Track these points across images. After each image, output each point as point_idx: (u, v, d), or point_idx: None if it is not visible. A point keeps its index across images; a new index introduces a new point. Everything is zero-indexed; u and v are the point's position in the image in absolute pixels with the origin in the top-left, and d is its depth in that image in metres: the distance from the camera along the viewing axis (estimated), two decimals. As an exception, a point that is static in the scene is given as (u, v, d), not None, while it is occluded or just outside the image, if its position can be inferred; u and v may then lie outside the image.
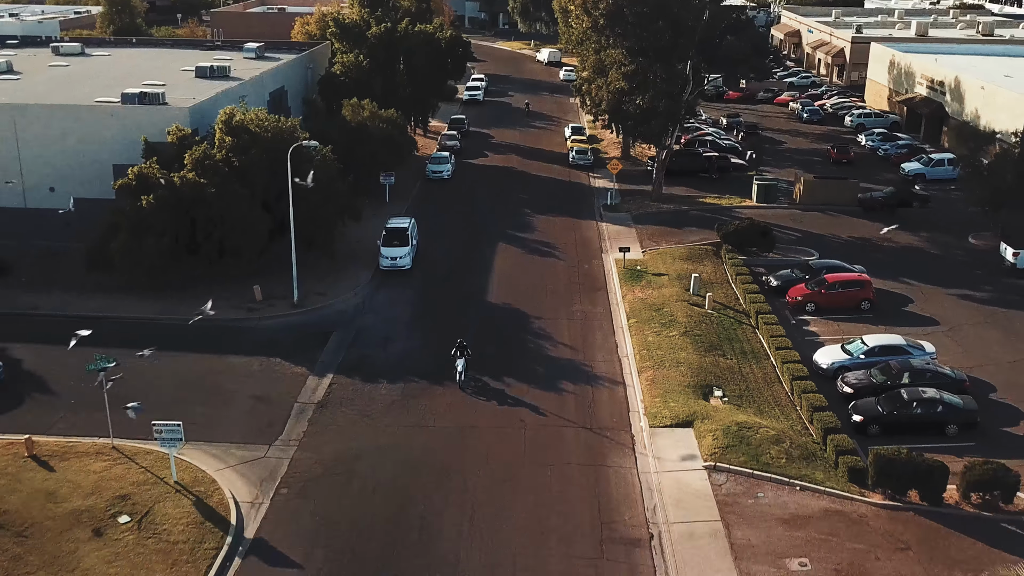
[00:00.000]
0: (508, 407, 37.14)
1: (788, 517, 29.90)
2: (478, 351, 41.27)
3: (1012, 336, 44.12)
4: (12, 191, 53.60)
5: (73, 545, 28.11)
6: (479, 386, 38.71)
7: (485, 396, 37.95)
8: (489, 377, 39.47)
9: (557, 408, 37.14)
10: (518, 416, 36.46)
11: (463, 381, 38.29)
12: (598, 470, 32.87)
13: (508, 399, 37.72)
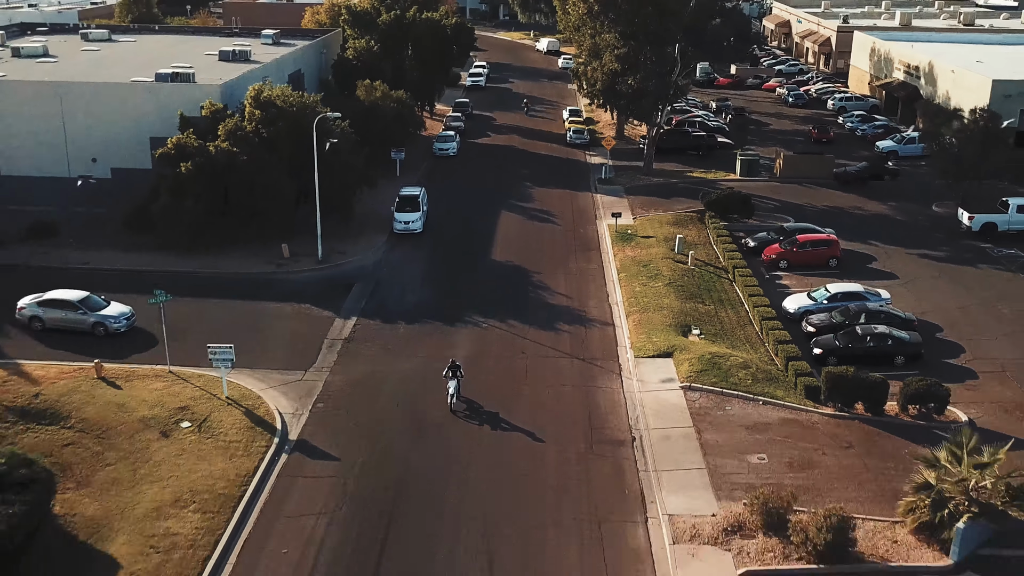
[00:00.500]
0: (512, 342, 42.32)
1: (751, 424, 35.07)
2: (484, 300, 46.57)
3: (960, 287, 49.32)
4: (52, 158, 58.68)
5: (144, 443, 33.29)
6: (486, 326, 43.90)
7: (491, 333, 43.13)
8: (494, 320, 44.65)
9: (554, 343, 42.33)
10: (520, 349, 41.66)
11: (455, 404, 36.18)
12: (589, 390, 38.06)
13: (511, 336, 42.91)
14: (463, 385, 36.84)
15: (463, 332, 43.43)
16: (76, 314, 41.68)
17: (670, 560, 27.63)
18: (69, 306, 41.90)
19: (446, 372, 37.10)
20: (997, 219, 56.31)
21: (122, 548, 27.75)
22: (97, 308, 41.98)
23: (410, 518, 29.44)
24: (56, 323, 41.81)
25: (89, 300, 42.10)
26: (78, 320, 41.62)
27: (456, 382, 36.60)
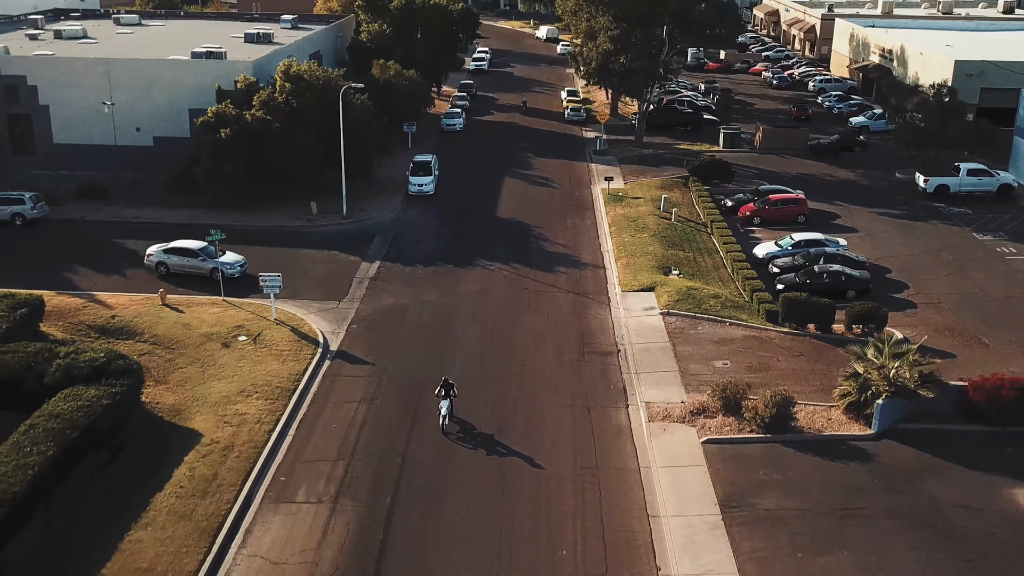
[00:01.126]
0: (515, 280, 48.75)
1: (718, 340, 41.50)
2: (491, 248, 53.06)
3: (912, 238, 55.77)
4: (100, 128, 64.99)
5: (209, 352, 39.72)
6: (492, 268, 50.31)
7: (496, 274, 49.55)
8: (500, 263, 51.08)
9: (552, 282, 48.77)
10: (523, 286, 48.08)
11: (446, 425, 33.87)
12: (581, 316, 44.52)
13: (515, 276, 49.33)
14: (456, 406, 34.69)
15: (472, 273, 49.85)
16: (196, 261, 47.46)
17: (645, 434, 34.05)
18: (191, 254, 47.61)
19: (438, 391, 34.44)
20: (949, 181, 62.76)
21: (201, 424, 34.18)
22: (215, 258, 47.38)
23: (435, 405, 35.85)
24: (178, 268, 47.39)
25: (207, 249, 47.69)
26: (198, 266, 47.27)
27: (449, 402, 34.07)
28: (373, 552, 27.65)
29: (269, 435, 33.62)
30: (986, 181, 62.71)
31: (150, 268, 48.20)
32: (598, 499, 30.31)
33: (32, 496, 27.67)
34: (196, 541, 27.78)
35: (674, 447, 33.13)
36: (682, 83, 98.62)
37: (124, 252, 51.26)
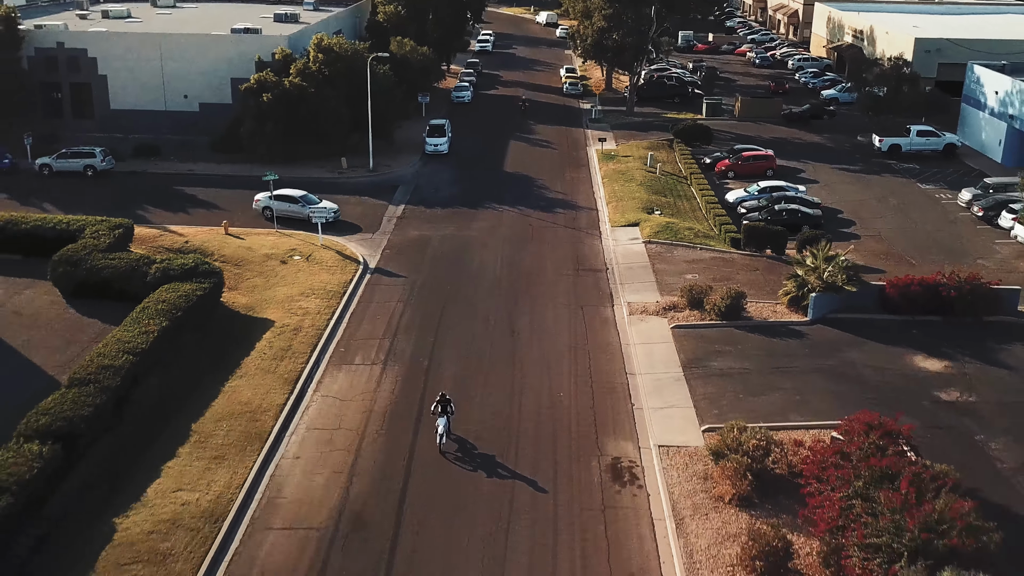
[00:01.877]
0: (520, 219, 57.26)
1: (690, 260, 50.00)
2: (499, 195, 61.51)
3: (864, 188, 64.31)
4: (152, 95, 73.38)
5: (271, 267, 48.22)
6: (500, 210, 58.74)
7: (504, 214, 58.00)
8: (507, 206, 59.56)
9: (552, 220, 57.29)
10: (527, 223, 56.58)
11: (443, 444, 32.22)
12: (577, 244, 53.05)
13: (520, 215, 57.84)
14: (453, 423, 33.26)
15: (483, 213, 58.35)
16: (296, 206, 55.33)
17: (627, 323, 42.57)
18: (292, 200, 55.40)
19: (434, 407, 32.90)
20: (901, 141, 71.31)
21: (272, 314, 42.70)
22: (312, 203, 55.39)
23: (457, 303, 44.33)
24: (281, 212, 55.00)
25: (306, 196, 55.61)
26: (297, 211, 55.02)
27: (446, 419, 32.52)
28: (417, 393, 36.19)
29: (328, 322, 42.13)
30: (933, 141, 71.30)
31: (257, 212, 56.02)
32: (588, 364, 38.85)
33: (152, 354, 36.12)
34: (280, 387, 36.31)
35: (648, 331, 41.68)
36: (672, 62, 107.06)
37: (185, 196, 59.78)
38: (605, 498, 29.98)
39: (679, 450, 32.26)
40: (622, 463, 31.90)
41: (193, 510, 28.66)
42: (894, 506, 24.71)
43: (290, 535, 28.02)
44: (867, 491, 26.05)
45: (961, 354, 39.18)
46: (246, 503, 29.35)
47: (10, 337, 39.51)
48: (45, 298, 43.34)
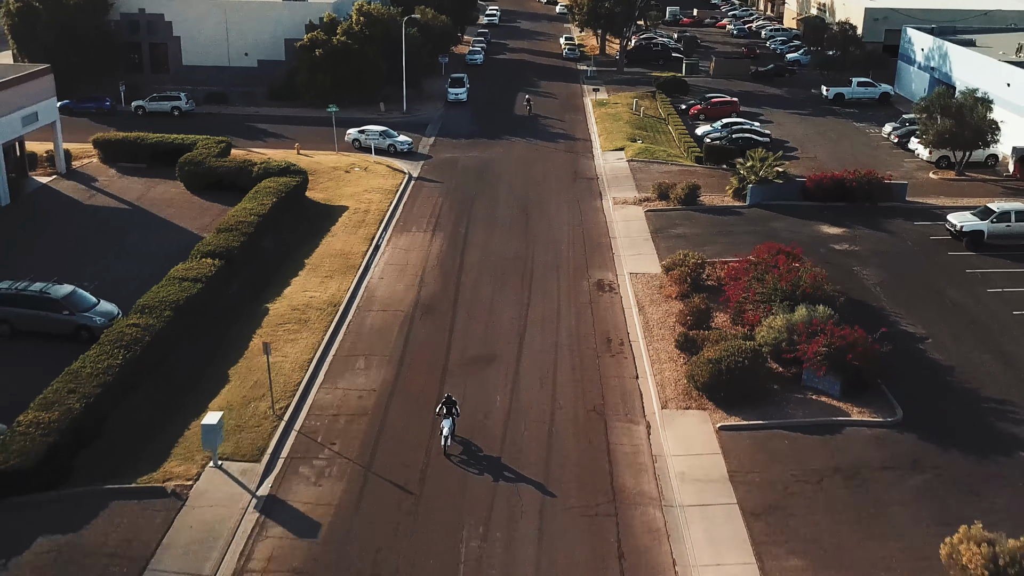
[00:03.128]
0: (528, 146, 71.41)
1: (662, 171, 64.08)
2: (510, 130, 75.60)
3: (810, 126, 78.53)
4: (218, 53, 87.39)
5: (337, 175, 62.36)
6: (512, 140, 72.84)
7: (516, 144, 72.11)
8: (518, 138, 73.70)
9: (555, 147, 71.43)
10: (534, 148, 70.78)
11: (448, 446, 31.43)
12: (574, 162, 67.24)
13: (528, 144, 72.00)
14: (458, 425, 32.51)
15: (498, 142, 72.45)
16: (380, 139, 69.19)
17: (611, 210, 56.70)
18: (376, 134, 69.02)
19: (439, 409, 32.05)
20: (844, 91, 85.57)
21: (345, 203, 56.85)
22: (393, 136, 68.79)
23: (482, 198, 58.45)
24: (367, 143, 68.75)
25: (387, 131, 69.13)
26: (381, 142, 68.55)
27: (451, 421, 31.65)
28: (458, 248, 50.36)
29: (388, 208, 56.29)
30: (871, 90, 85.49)
31: (348, 143, 69.69)
32: (582, 232, 53.06)
33: (269, 218, 50.16)
34: (362, 242, 50.52)
35: (627, 214, 55.88)
36: (660, 33, 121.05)
37: (257, 130, 73.81)
38: (592, 298, 44.27)
39: (643, 275, 46.49)
40: (604, 282, 46.18)
41: (318, 300, 42.89)
42: (775, 276, 39.01)
43: (384, 313, 42.27)
44: (761, 275, 40.28)
45: (854, 224, 53.50)
46: (352, 298, 43.60)
47: (159, 212, 53.76)
48: (174, 190, 57.60)
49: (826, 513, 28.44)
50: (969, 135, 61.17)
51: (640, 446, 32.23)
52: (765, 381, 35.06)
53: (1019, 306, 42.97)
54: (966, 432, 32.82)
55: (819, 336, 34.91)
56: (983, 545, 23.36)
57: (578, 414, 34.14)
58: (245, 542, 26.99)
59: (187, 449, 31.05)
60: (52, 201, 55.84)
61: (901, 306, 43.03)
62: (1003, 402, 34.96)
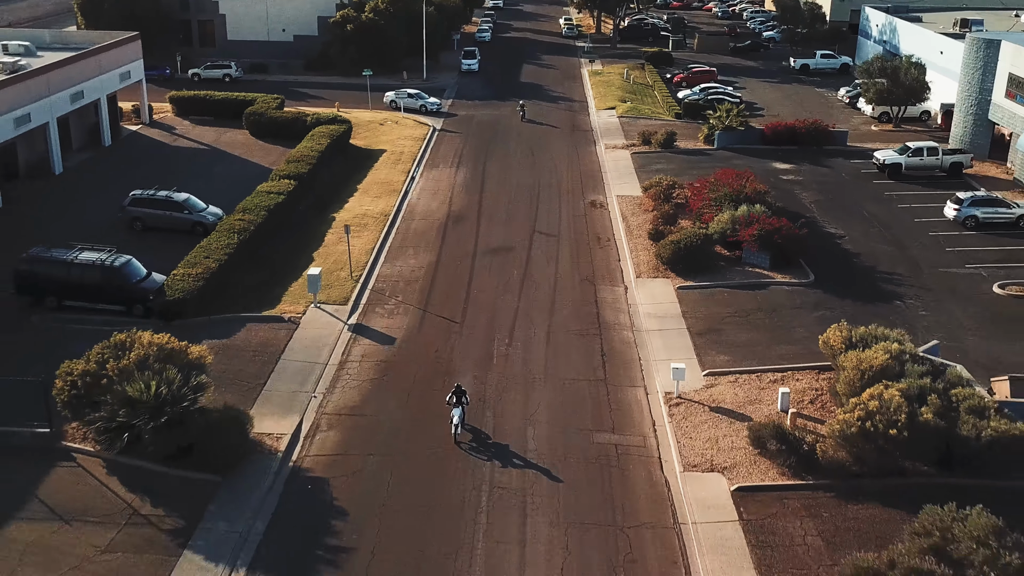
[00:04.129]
0: (534, 105, 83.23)
1: (647, 124, 75.87)
2: (518, 93, 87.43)
3: (776, 91, 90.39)
4: (259, 29, 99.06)
5: (372, 128, 74.15)
6: (520, 102, 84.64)
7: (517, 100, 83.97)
8: (523, 99, 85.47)
9: (555, 106, 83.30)
10: (538, 107, 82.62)
11: (458, 434, 32.60)
12: (572, 118, 79.14)
13: (534, 103, 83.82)
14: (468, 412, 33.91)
15: (507, 104, 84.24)
16: (413, 100, 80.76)
17: (603, 153, 68.55)
18: (412, 96, 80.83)
19: (450, 398, 33.27)
20: (809, 61, 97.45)
21: (383, 147, 68.67)
22: (424, 98, 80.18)
23: (495, 144, 70.26)
24: (403, 104, 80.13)
25: (420, 94, 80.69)
26: (413, 103, 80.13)
27: (461, 410, 32.91)
28: (478, 179, 62.23)
29: (418, 151, 68.13)
30: (832, 62, 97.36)
31: (386, 103, 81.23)
32: (578, 167, 64.96)
33: (324, 156, 61.87)
34: (400, 174, 62.38)
35: (616, 156, 67.75)
36: (651, 14, 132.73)
37: (299, 93, 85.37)
38: (586, 212, 56.20)
39: (627, 197, 58.38)
40: (596, 201, 58.10)
41: (372, 212, 54.78)
42: (725, 182, 50.97)
43: (424, 221, 54.17)
44: (718, 189, 52.14)
45: (801, 162, 65.43)
46: (398, 211, 55.51)
47: (232, 151, 65.65)
48: (241, 136, 69.45)
49: (748, 332, 40.43)
50: (902, 93, 73.09)
51: (619, 299, 44.22)
52: (713, 259, 47.08)
53: (920, 215, 54.95)
54: (858, 288, 44.83)
55: (754, 224, 46.86)
56: (843, 331, 35.27)
57: (574, 281, 46.11)
58: (344, 346, 38.95)
59: (293, 297, 43.01)
60: (144, 143, 67.76)
61: (828, 216, 55.01)
62: (891, 272, 46.95)
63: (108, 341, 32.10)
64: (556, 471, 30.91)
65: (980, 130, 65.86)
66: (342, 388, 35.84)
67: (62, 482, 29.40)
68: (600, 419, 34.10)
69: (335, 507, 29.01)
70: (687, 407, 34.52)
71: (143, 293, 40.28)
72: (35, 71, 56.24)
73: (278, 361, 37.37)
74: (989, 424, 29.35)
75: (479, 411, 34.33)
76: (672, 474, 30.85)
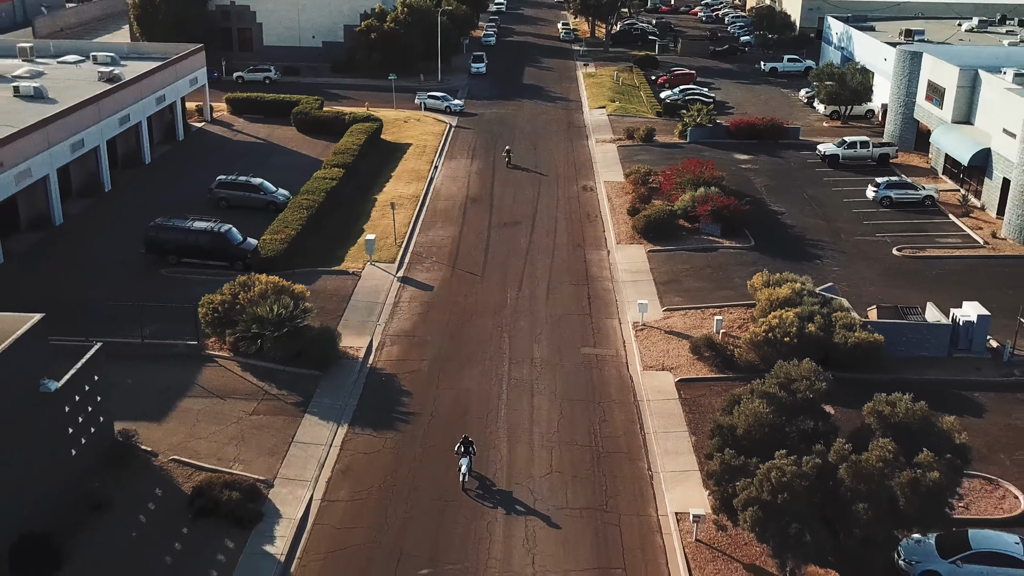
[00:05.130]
0: (535, 105, 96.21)
1: (632, 121, 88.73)
2: (521, 93, 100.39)
3: (748, 91, 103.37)
4: (291, 36, 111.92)
5: (398, 125, 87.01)
6: (523, 100, 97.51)
7: (525, 103, 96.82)
8: (526, 99, 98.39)
9: (552, 104, 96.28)
10: (538, 105, 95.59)
11: (465, 482, 35.34)
12: (568, 116, 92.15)
13: (535, 102, 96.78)
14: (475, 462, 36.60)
15: (512, 102, 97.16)
16: (439, 102, 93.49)
17: (594, 146, 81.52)
18: (437, 97, 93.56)
19: (458, 448, 35.87)
20: (777, 65, 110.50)
21: (409, 141, 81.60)
22: (449, 100, 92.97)
23: (502, 138, 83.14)
24: (429, 105, 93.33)
25: (445, 96, 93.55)
26: (439, 104, 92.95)
27: (469, 459, 35.56)
28: (489, 169, 75.21)
29: (439, 145, 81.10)
30: (797, 65, 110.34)
31: (417, 104, 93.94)
32: (573, 157, 77.99)
33: (363, 149, 74.75)
34: (426, 163, 75.37)
35: (604, 148, 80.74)
36: (642, 19, 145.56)
37: (331, 94, 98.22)
38: (578, 194, 69.23)
39: (612, 182, 71.37)
40: (587, 186, 71.15)
41: (405, 194, 67.78)
42: (689, 170, 64.05)
43: (447, 202, 67.22)
44: (684, 175, 65.17)
45: (759, 153, 78.45)
46: (426, 194, 68.55)
47: (284, 144, 78.66)
48: (290, 132, 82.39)
49: (699, 282, 53.51)
50: (848, 95, 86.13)
51: (603, 259, 57.30)
52: (677, 229, 60.14)
53: (848, 196, 67.99)
54: (788, 251, 57.93)
55: (708, 202, 59.92)
56: (764, 276, 48.26)
57: (568, 247, 59.17)
58: (395, 292, 52.01)
59: (353, 258, 56.06)
60: (209, 137, 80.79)
61: (773, 196, 68.08)
62: (817, 239, 60.06)
63: (235, 281, 45.16)
64: (554, 371, 44.03)
65: (907, 126, 78.92)
66: (397, 319, 48.98)
67: (212, 375, 42.49)
68: (585, 339, 47.26)
69: (402, 391, 42.15)
70: (648, 331, 47.66)
71: (243, 252, 53.36)
72: (132, 80, 69.19)
73: (349, 301, 50.45)
74: (855, 335, 42.46)
75: (498, 335, 47.44)
76: (635, 372, 43.99)
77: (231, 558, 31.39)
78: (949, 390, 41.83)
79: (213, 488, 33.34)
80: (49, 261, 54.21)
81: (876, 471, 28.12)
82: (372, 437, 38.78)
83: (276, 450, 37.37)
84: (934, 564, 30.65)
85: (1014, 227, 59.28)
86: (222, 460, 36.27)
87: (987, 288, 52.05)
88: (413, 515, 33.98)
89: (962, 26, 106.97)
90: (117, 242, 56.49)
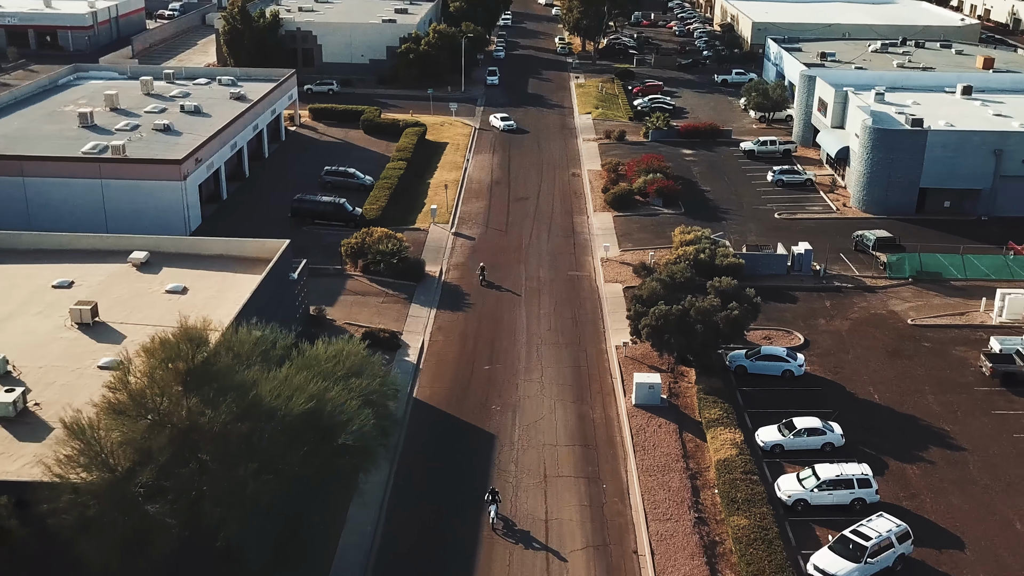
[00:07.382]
0: (536, 110, 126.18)
1: (610, 124, 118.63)
2: (525, 100, 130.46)
3: (701, 99, 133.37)
4: (345, 54, 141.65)
5: (436, 127, 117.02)
6: (528, 105, 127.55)
7: (530, 107, 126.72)
8: (529, 105, 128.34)
9: (551, 110, 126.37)
10: (538, 110, 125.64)
11: (495, 522, 45.35)
12: (562, 120, 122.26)
13: (536, 107, 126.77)
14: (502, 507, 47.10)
15: (520, 109, 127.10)
16: (501, 121, 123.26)
17: (581, 145, 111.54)
18: (502, 119, 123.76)
19: (487, 496, 45.89)
20: (727, 76, 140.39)
21: (446, 140, 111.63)
22: (507, 120, 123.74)
23: (515, 138, 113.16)
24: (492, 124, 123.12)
25: (506, 116, 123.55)
26: (499, 123, 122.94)
27: (495, 506, 45.24)
28: (507, 161, 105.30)
29: (468, 143, 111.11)
30: (743, 77, 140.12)
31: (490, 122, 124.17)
32: (565, 152, 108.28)
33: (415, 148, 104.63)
34: (461, 157, 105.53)
35: (587, 146, 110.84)
36: (626, 34, 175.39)
37: (379, 102, 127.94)
38: (569, 179, 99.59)
39: (593, 170, 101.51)
40: (575, 173, 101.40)
41: (449, 179, 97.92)
42: (645, 161, 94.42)
43: (478, 185, 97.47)
44: (641, 165, 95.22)
45: (700, 149, 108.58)
46: (463, 179, 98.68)
47: (357, 143, 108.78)
48: (357, 133, 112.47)
49: (645, 235, 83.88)
50: (770, 104, 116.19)
51: (584, 221, 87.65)
52: (634, 203, 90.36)
53: (755, 179, 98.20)
54: (707, 215, 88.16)
55: (655, 183, 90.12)
56: (681, 228, 78.45)
57: (561, 213, 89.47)
58: (451, 241, 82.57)
59: (421, 220, 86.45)
60: (301, 138, 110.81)
61: (705, 180, 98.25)
62: (727, 209, 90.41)
63: (359, 233, 75.37)
64: (551, 284, 74.36)
65: (807, 129, 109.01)
66: (455, 256, 79.37)
67: (353, 285, 72.75)
68: (571, 266, 77.85)
69: (464, 294, 72.61)
70: (609, 262, 78.08)
71: (353, 217, 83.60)
72: (257, 101, 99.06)
73: (424, 245, 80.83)
74: (728, 260, 72.72)
75: (517, 265, 77.85)
76: (600, 284, 74.39)
77: (389, 362, 61.78)
78: (783, 290, 72.36)
79: (374, 334, 63.59)
80: (227, 222, 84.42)
81: (709, 310, 58.48)
82: (450, 313, 69.33)
83: (399, 319, 67.85)
84: (742, 361, 61.07)
85: (856, 199, 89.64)
86: (372, 323, 66.66)
87: (825, 237, 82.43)
88: (476, 346, 64.40)
89: (870, 47, 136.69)
90: (269, 211, 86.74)
